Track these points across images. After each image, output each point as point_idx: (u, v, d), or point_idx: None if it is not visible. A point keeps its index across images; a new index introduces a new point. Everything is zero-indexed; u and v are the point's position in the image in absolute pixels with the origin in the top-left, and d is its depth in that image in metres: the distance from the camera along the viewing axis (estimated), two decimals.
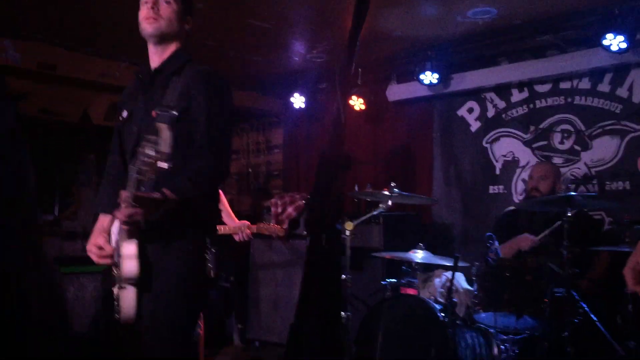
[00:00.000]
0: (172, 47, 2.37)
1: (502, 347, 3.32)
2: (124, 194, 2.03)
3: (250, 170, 7.36)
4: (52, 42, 4.95)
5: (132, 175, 2.02)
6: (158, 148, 1.78)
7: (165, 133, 1.76)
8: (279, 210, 5.63)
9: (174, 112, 2.21)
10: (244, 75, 6.11)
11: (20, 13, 4.41)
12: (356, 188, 5.45)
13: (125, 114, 2.43)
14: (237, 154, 7.47)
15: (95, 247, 2.29)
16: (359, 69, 5.77)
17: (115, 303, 2.25)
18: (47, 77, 5.08)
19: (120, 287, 2.20)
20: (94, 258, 2.30)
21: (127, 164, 2.38)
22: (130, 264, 2.16)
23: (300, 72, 5.93)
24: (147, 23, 2.30)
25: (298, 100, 6.19)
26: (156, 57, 2.37)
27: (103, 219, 2.40)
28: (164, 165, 1.87)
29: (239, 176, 7.47)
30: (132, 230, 2.16)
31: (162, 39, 2.34)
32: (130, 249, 2.17)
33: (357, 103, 5.88)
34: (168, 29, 2.32)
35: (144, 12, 2.31)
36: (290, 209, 5.59)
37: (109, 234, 2.33)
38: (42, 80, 5.15)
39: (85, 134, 6.24)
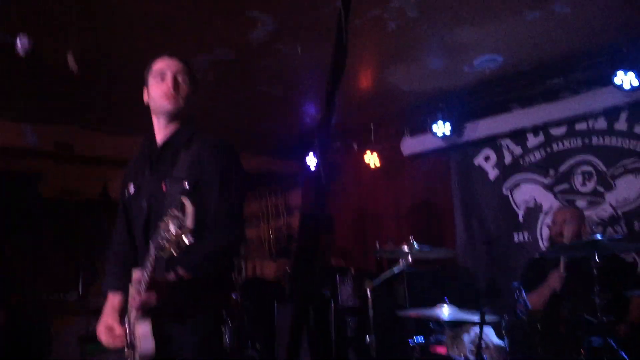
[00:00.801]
0: (178, 121, 2.37)
1: None
2: (138, 277, 1.99)
3: (271, 234, 7.32)
4: (68, 122, 5.08)
5: (151, 251, 1.95)
6: (182, 223, 1.73)
7: (190, 208, 1.72)
8: None
9: (186, 184, 2.18)
10: (258, 141, 6.17)
11: (36, 97, 4.54)
12: (377, 245, 5.37)
13: (132, 189, 2.37)
14: (258, 219, 7.46)
15: (105, 328, 2.24)
16: (371, 125, 5.80)
17: None
18: (65, 157, 5.19)
19: None
20: (104, 340, 2.24)
21: (135, 241, 2.35)
22: (146, 344, 2.10)
23: (313, 133, 5.97)
24: (167, 100, 2.29)
25: (313, 161, 6.19)
26: (162, 130, 2.36)
27: (112, 299, 2.33)
28: (187, 241, 1.81)
29: (260, 241, 7.43)
30: (146, 311, 2.11)
31: (176, 116, 2.34)
32: (145, 328, 2.12)
33: (371, 159, 5.86)
34: (185, 108, 2.33)
35: (160, 89, 2.30)
36: None
37: (119, 314, 2.28)
38: (61, 160, 5.26)
39: (106, 209, 6.30)
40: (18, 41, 1.86)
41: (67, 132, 5.12)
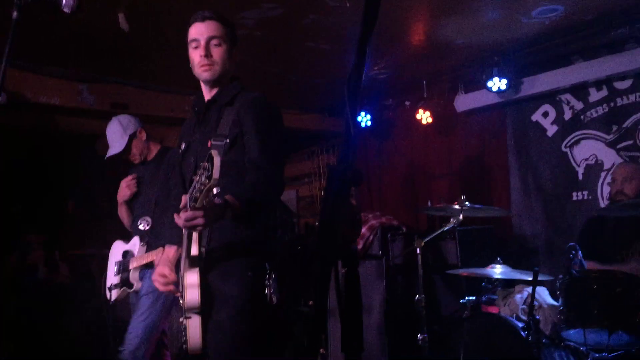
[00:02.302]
0: (225, 82, 2.42)
1: None
2: (185, 199, 2.07)
3: (323, 192, 7.33)
4: (124, 82, 5.17)
5: (187, 204, 2.05)
6: (209, 174, 1.78)
7: (217, 160, 1.77)
8: None
9: (227, 140, 2.25)
10: (308, 98, 6.14)
11: (91, 56, 4.64)
12: (429, 203, 5.29)
13: (183, 146, 2.50)
14: (310, 178, 7.49)
15: (160, 276, 2.33)
16: (424, 82, 5.66)
17: (183, 333, 2.27)
18: None
19: (187, 317, 2.22)
20: (159, 287, 2.35)
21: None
22: (192, 294, 2.17)
23: (365, 89, 5.86)
24: (202, 70, 2.35)
25: (364, 119, 6.13)
26: (209, 91, 2.45)
27: (169, 250, 2.46)
28: (214, 191, 1.87)
29: (312, 199, 7.48)
30: (194, 258, 2.16)
31: (217, 81, 2.39)
32: (192, 278, 2.19)
33: (424, 117, 5.74)
34: (223, 71, 2.37)
35: (196, 57, 2.35)
36: (363, 229, 5.49)
37: (174, 265, 2.36)
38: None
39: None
40: (63, 0, 1.88)
41: (123, 92, 5.23)
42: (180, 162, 2.53)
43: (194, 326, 2.19)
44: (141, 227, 3.42)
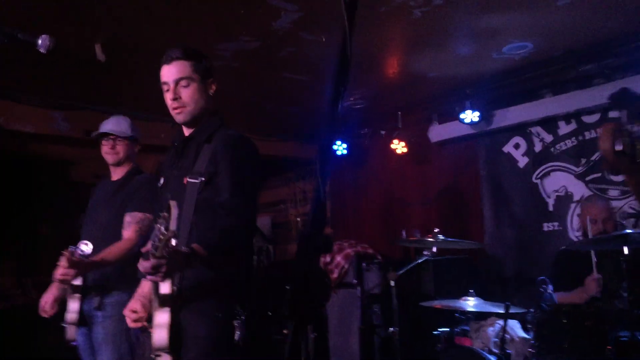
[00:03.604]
0: (202, 117, 2.41)
1: None
2: (149, 246, 2.04)
3: (298, 219, 7.34)
4: (98, 109, 5.15)
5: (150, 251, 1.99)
6: (167, 225, 1.77)
7: (174, 211, 1.76)
8: (328, 259, 5.57)
9: (202, 179, 2.26)
10: (285, 127, 6.19)
11: (67, 84, 4.62)
12: (404, 234, 5.34)
13: (162, 181, 2.50)
14: (285, 204, 7.50)
15: (130, 311, 2.31)
16: (399, 112, 5.74)
17: None
18: (95, 143, 5.26)
19: (156, 355, 2.19)
20: (128, 322, 2.32)
21: None
22: (161, 334, 2.15)
23: (339, 121, 5.92)
24: (175, 114, 2.36)
25: (340, 147, 6.18)
26: (190, 125, 2.43)
27: (144, 285, 2.41)
28: (173, 242, 1.86)
29: (288, 225, 7.48)
30: (165, 298, 2.15)
31: (192, 121, 2.39)
32: (163, 317, 2.17)
33: (398, 146, 5.82)
34: (195, 111, 2.36)
35: (168, 101, 2.36)
36: (339, 258, 5.52)
37: (147, 300, 2.34)
38: (91, 146, 5.34)
39: None
40: (39, 41, 1.89)
41: (97, 118, 5.16)
42: (159, 197, 2.50)
43: None
44: (79, 250, 3.07)
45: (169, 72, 2.33)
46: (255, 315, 2.30)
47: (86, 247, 3.06)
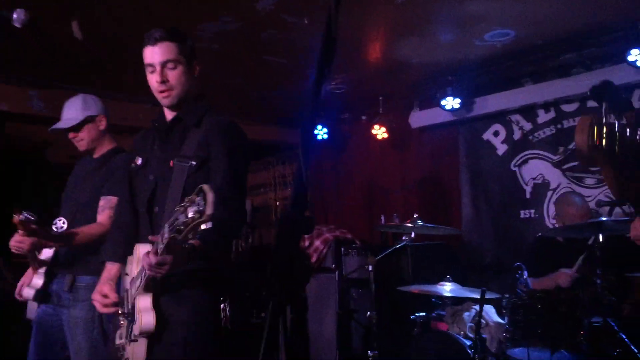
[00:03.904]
0: (187, 100, 2.36)
1: None
2: (155, 240, 2.00)
3: (278, 203, 7.34)
4: (75, 89, 5.05)
5: (165, 231, 1.91)
6: (200, 209, 1.72)
7: (210, 195, 1.71)
8: (307, 243, 5.58)
9: (193, 163, 2.22)
10: (265, 110, 6.14)
11: (43, 63, 4.53)
12: (383, 219, 5.36)
13: (139, 161, 2.42)
14: (265, 188, 7.48)
15: (99, 295, 2.28)
16: (380, 97, 5.74)
17: (125, 356, 2.22)
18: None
19: (132, 340, 2.17)
20: (98, 306, 2.29)
21: (139, 210, 2.38)
22: (148, 317, 2.13)
23: (322, 103, 5.90)
24: (161, 97, 2.29)
25: (321, 132, 6.17)
26: (171, 110, 2.38)
27: (110, 268, 2.38)
28: (204, 227, 1.78)
29: (267, 209, 7.46)
30: (149, 283, 2.13)
31: (178, 104, 2.33)
32: (146, 301, 2.15)
33: (379, 132, 5.82)
34: (183, 94, 2.31)
35: (153, 83, 2.29)
36: (317, 242, 5.52)
37: (114, 283, 2.32)
38: None
39: None
40: (14, 15, 1.84)
41: None
42: (132, 176, 2.45)
43: (139, 350, 2.15)
44: (54, 227, 3.01)
45: (155, 54, 2.25)
46: (235, 299, 2.30)
47: (61, 224, 3.00)
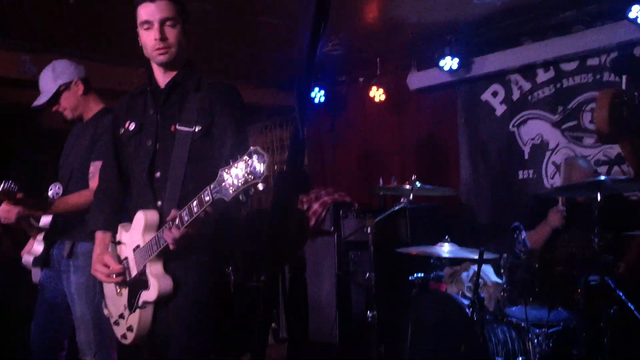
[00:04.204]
0: (180, 62, 2.31)
1: (535, 341, 3.19)
2: (174, 214, 2.02)
3: (276, 167, 7.32)
4: (68, 53, 4.97)
5: (204, 194, 1.92)
6: (254, 170, 1.72)
7: (266, 157, 1.72)
8: (305, 207, 5.58)
9: (198, 128, 2.19)
10: (262, 73, 6.06)
11: (36, 27, 4.44)
12: (381, 182, 5.35)
13: (132, 126, 2.34)
14: None
15: (101, 265, 2.27)
16: (377, 59, 5.66)
17: (127, 324, 2.23)
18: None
19: (139, 308, 2.17)
20: (101, 277, 2.28)
21: (129, 177, 2.35)
22: (165, 282, 2.15)
23: (318, 65, 5.83)
24: (158, 54, 2.22)
25: (318, 94, 6.11)
26: (163, 74, 2.32)
27: (103, 237, 2.35)
28: (260, 187, 1.78)
29: None
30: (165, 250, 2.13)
31: (173, 63, 2.29)
32: (158, 267, 2.16)
33: (377, 94, 5.77)
34: (179, 54, 2.26)
35: (150, 41, 2.22)
36: (316, 206, 5.53)
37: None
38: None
39: None
40: None
41: None
42: (122, 142, 2.38)
43: (146, 316, 2.17)
44: (50, 193, 3.01)
45: (153, 10, 2.19)
46: (238, 262, 2.32)
47: (57, 189, 2.98)
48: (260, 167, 1.72)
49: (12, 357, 4.56)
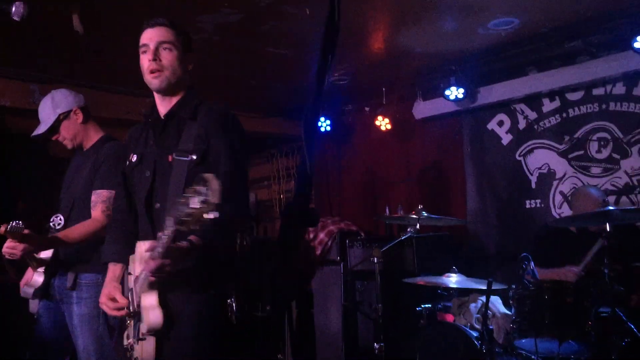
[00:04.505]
0: (180, 91, 2.31)
1: None
2: (151, 246, 1.99)
3: (282, 196, 7.31)
4: (76, 83, 5.02)
5: (168, 224, 1.88)
6: (206, 199, 1.70)
7: (215, 184, 1.69)
8: (311, 236, 5.55)
9: (193, 157, 2.17)
10: (268, 102, 6.10)
11: (44, 57, 4.50)
12: (387, 211, 5.33)
13: (134, 158, 2.36)
14: (269, 181, 7.45)
15: (108, 299, 2.25)
16: (383, 88, 5.70)
17: (135, 355, 2.20)
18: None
19: (140, 339, 2.15)
20: (108, 310, 2.26)
21: (137, 209, 2.34)
22: (154, 314, 2.11)
23: (324, 95, 5.86)
24: (151, 77, 2.22)
25: (324, 124, 6.13)
26: (163, 102, 2.32)
27: (114, 269, 2.34)
28: (211, 216, 1.77)
29: (271, 202, 7.44)
30: (153, 282, 2.10)
31: (170, 90, 2.28)
32: (151, 299, 2.13)
33: (382, 123, 5.78)
34: (174, 78, 2.25)
35: (145, 62, 2.24)
36: (322, 235, 5.50)
37: (120, 284, 2.29)
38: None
39: None
40: (13, 8, 1.81)
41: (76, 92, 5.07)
42: (127, 174, 2.39)
43: (148, 348, 2.13)
44: (52, 224, 3.00)
45: (152, 35, 2.23)
46: (240, 293, 2.28)
47: (59, 220, 2.96)
48: (210, 195, 1.70)
49: None
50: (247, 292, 5.24)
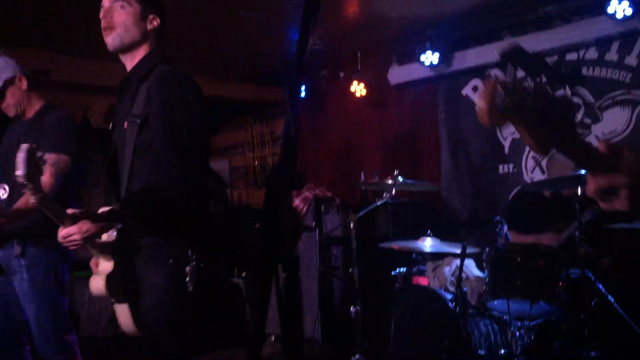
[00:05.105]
0: (141, 52, 2.18)
1: (518, 333, 3.22)
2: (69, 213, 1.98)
3: (257, 162, 7.27)
4: (45, 47, 4.87)
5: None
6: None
7: (21, 155, 1.70)
8: None
9: (138, 121, 2.06)
10: (242, 68, 6.02)
11: (12, 21, 4.34)
12: (362, 177, 5.34)
13: (111, 125, 2.31)
14: (243, 147, 7.40)
15: (92, 263, 2.25)
16: (358, 53, 5.65)
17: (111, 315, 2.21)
18: (42, 83, 5.01)
19: (114, 302, 2.16)
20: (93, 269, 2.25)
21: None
22: (97, 281, 2.13)
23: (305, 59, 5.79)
24: (104, 35, 2.13)
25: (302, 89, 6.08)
26: (128, 64, 2.21)
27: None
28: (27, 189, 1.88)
29: (246, 169, 7.40)
30: (104, 246, 2.11)
31: (125, 49, 2.16)
32: (106, 266, 2.14)
33: (358, 89, 5.74)
34: (126, 38, 2.13)
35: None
36: (297, 201, 5.50)
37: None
38: (37, 86, 5.09)
39: (87, 136, 6.19)
40: None
41: (44, 57, 4.92)
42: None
43: (123, 312, 2.12)
44: None
45: None
46: (211, 259, 2.22)
47: (2, 191, 2.86)
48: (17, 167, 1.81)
49: None
50: (219, 259, 5.23)
